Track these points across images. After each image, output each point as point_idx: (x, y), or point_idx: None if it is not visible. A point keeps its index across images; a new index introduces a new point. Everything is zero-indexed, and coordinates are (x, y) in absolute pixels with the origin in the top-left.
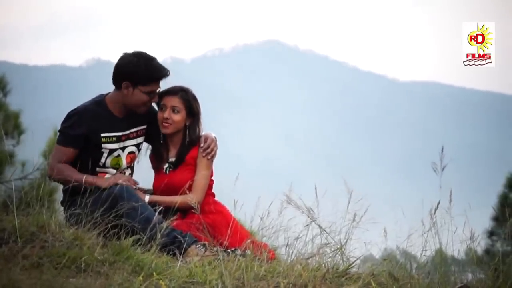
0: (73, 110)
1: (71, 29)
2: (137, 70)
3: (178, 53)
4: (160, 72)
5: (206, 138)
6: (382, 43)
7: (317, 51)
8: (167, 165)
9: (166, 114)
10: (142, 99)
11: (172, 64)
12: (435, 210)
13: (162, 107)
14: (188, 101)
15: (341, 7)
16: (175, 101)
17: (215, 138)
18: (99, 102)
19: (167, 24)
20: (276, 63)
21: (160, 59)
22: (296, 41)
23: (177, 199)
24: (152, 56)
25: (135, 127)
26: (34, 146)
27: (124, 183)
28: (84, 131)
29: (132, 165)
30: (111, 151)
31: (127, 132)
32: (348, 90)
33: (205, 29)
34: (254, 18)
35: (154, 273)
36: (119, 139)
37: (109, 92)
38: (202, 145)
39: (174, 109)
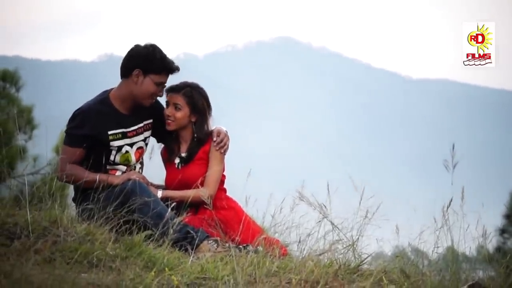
0: (77, 110)
1: (85, 25)
2: (152, 58)
3: (190, 49)
4: (172, 64)
5: (219, 132)
6: (395, 40)
7: (330, 48)
8: (178, 160)
9: (168, 111)
10: (150, 89)
11: (185, 60)
12: (448, 208)
13: (166, 104)
14: (191, 97)
15: (355, 4)
16: (177, 98)
17: (227, 132)
18: (103, 100)
19: (180, 19)
20: (289, 60)
21: (172, 55)
22: (309, 38)
23: (190, 193)
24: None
25: (141, 122)
26: (46, 141)
27: (137, 178)
28: (89, 130)
29: (142, 160)
30: (119, 148)
31: (135, 127)
32: (361, 87)
33: (218, 25)
34: (267, 14)
35: (166, 268)
36: (124, 135)
37: (113, 88)
38: (215, 139)
39: (176, 106)
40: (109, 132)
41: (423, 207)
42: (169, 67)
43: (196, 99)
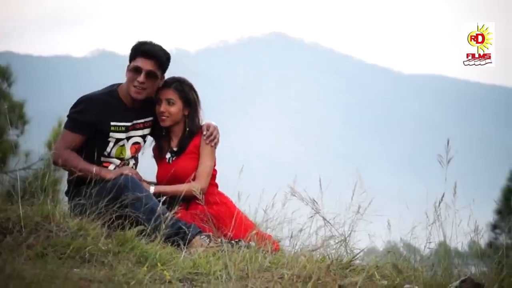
0: (84, 96)
1: (76, 20)
2: (132, 48)
3: (182, 44)
4: (139, 44)
5: (209, 126)
6: (387, 36)
7: (322, 43)
8: (169, 155)
9: (162, 108)
10: (129, 77)
11: (177, 56)
12: (439, 203)
13: (158, 101)
14: (183, 91)
15: (347, 0)
16: (169, 94)
17: (216, 126)
18: (111, 92)
19: (172, 15)
20: (281, 56)
21: None
22: (301, 33)
23: (182, 188)
24: (155, 43)
25: (141, 118)
26: (38, 137)
27: (130, 174)
28: (93, 118)
29: (136, 156)
30: (118, 141)
31: (134, 122)
32: (353, 82)
33: (210, 20)
34: (259, 10)
35: (158, 263)
36: (127, 129)
37: (123, 83)
38: (205, 132)
39: (169, 102)
40: (112, 123)
41: (415, 202)
42: (139, 49)
43: (187, 92)
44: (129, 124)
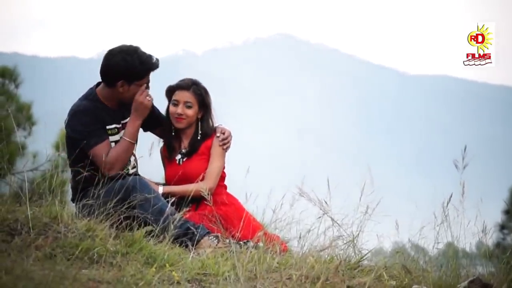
0: (74, 111)
1: (83, 21)
2: (133, 67)
3: (189, 45)
4: (152, 64)
5: (224, 130)
6: (393, 36)
7: (328, 44)
8: (179, 156)
9: (179, 110)
10: (138, 92)
11: (184, 57)
12: (448, 203)
13: (175, 102)
14: (200, 95)
15: (353, 1)
16: (187, 96)
17: (230, 132)
18: (93, 98)
19: (179, 16)
20: (287, 57)
21: (171, 52)
22: (307, 34)
23: (191, 188)
24: (137, 47)
25: (127, 117)
26: (46, 138)
27: (150, 98)
28: (97, 123)
29: (134, 153)
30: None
31: (122, 122)
32: (360, 83)
33: (217, 22)
34: (265, 11)
35: (167, 264)
36: (118, 130)
37: (97, 85)
38: (219, 135)
39: (187, 104)
40: (107, 127)
41: (423, 202)
42: (150, 68)
43: (203, 95)
44: (119, 125)
